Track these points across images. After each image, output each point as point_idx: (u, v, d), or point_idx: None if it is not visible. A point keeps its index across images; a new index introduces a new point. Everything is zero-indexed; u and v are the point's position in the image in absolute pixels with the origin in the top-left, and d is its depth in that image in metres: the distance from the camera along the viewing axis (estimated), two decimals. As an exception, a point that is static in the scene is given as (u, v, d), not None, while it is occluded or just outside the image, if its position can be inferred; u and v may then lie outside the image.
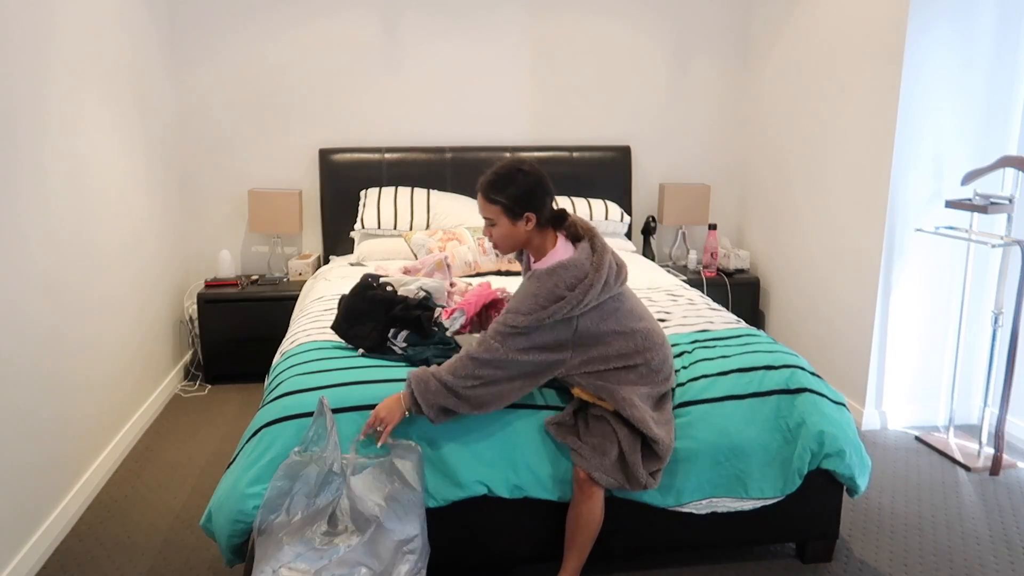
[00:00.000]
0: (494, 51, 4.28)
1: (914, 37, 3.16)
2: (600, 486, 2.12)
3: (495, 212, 2.08)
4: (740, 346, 2.50)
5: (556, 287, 2.00)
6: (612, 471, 2.10)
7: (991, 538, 2.63)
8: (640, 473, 2.09)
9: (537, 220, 2.07)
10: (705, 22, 4.44)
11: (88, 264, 2.88)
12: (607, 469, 2.10)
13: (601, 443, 2.11)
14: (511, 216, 2.06)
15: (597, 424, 2.14)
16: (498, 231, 2.10)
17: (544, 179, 2.09)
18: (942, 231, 3.25)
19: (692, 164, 4.60)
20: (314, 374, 2.27)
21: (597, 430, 2.13)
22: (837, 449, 2.24)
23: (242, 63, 4.10)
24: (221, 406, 3.70)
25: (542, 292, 2.00)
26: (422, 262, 3.11)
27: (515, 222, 2.07)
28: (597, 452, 2.10)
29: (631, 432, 2.11)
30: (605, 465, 2.09)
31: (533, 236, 2.10)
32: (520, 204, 2.05)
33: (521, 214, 2.06)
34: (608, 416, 2.13)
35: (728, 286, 4.26)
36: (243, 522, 2.02)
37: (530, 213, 2.06)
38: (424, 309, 2.47)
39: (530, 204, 2.05)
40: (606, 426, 2.13)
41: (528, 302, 2.01)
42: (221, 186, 4.23)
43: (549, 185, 2.10)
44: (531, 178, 2.06)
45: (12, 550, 2.28)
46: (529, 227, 2.07)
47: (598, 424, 2.13)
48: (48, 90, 2.58)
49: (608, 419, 2.13)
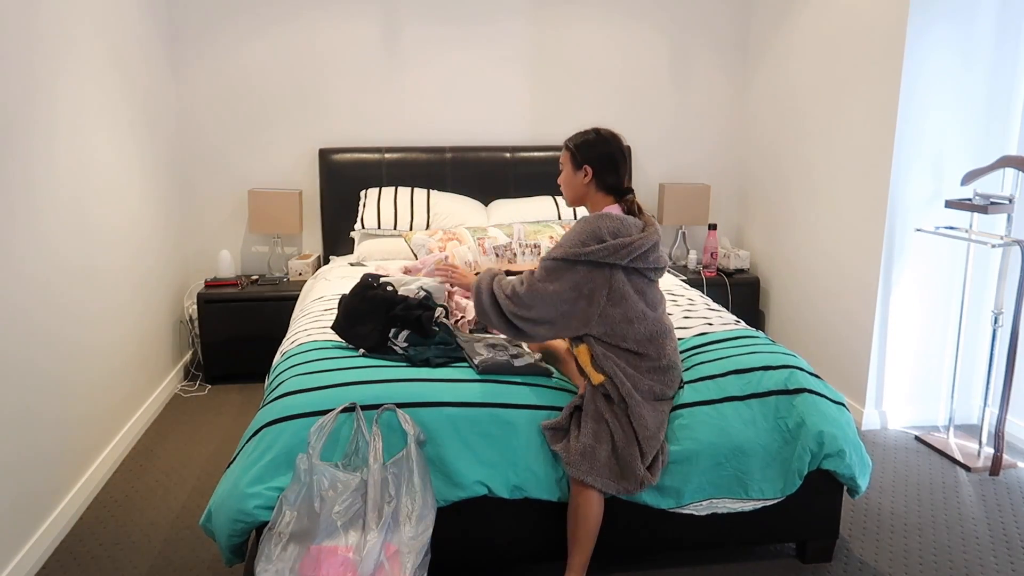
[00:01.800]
0: (494, 51, 4.28)
1: (914, 37, 3.16)
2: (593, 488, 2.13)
3: (565, 157, 2.28)
4: (739, 347, 2.50)
5: (599, 229, 2.11)
6: (604, 472, 2.10)
7: (991, 538, 2.63)
8: (637, 467, 2.09)
9: (594, 175, 2.22)
10: (705, 22, 4.44)
11: (88, 264, 2.88)
12: (599, 471, 2.10)
13: (591, 445, 2.10)
14: (573, 163, 2.25)
15: (589, 424, 2.13)
16: (562, 177, 2.30)
17: (614, 146, 2.25)
18: (942, 231, 3.25)
19: (692, 164, 4.60)
20: (314, 374, 2.27)
21: (588, 430, 2.12)
22: (837, 449, 2.24)
23: (242, 63, 4.10)
24: (221, 406, 3.70)
25: (585, 230, 2.13)
26: (422, 262, 3.12)
27: (575, 170, 2.24)
28: (586, 458, 2.10)
29: (626, 427, 2.12)
30: (596, 468, 2.10)
31: (589, 192, 2.25)
32: (583, 154, 2.23)
33: (581, 164, 2.23)
34: (603, 409, 2.14)
35: (728, 286, 4.26)
36: (243, 522, 2.03)
37: (588, 166, 2.22)
38: (425, 309, 2.47)
39: (591, 158, 2.22)
40: (599, 425, 2.13)
41: (570, 238, 2.14)
42: (221, 186, 4.23)
43: (618, 155, 2.25)
44: (601, 138, 2.25)
45: (13, 549, 2.28)
46: (586, 180, 2.23)
47: (590, 424, 2.13)
48: (47, 90, 2.58)
49: (603, 414, 2.14)
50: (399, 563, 1.96)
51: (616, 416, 2.14)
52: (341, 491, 1.97)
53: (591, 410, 2.16)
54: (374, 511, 1.97)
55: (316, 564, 1.92)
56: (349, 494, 1.97)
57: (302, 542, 1.95)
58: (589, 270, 2.12)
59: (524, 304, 2.15)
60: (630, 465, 2.10)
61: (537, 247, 3.66)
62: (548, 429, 2.18)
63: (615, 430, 2.12)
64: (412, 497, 2.02)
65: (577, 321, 2.16)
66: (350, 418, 2.09)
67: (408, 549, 1.97)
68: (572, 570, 2.18)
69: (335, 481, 1.98)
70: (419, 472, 2.04)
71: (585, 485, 2.12)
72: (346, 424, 2.09)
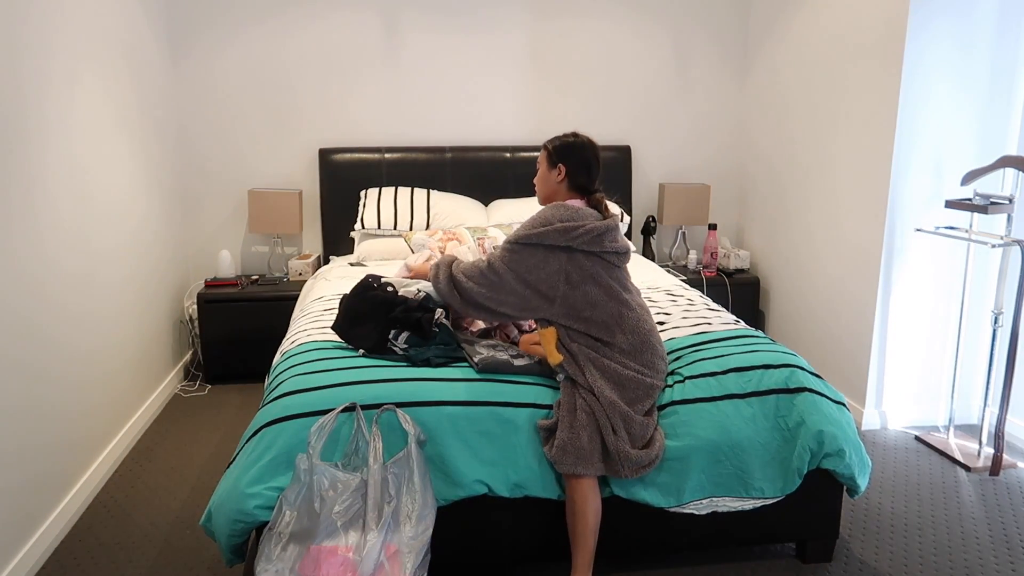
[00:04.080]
0: (494, 51, 4.28)
1: (914, 37, 3.16)
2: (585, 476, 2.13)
3: (542, 157, 2.40)
4: (739, 346, 2.50)
5: (552, 216, 2.23)
6: (588, 457, 2.12)
7: (991, 538, 2.63)
8: (620, 447, 2.11)
9: (567, 174, 2.32)
10: (705, 21, 4.44)
11: (88, 264, 2.88)
12: (583, 459, 2.11)
13: (569, 438, 2.12)
14: (549, 162, 2.36)
15: (565, 416, 2.16)
16: (538, 175, 2.42)
17: (589, 151, 2.35)
18: (942, 231, 3.25)
19: (692, 164, 4.60)
20: (314, 374, 2.27)
21: (565, 423, 2.14)
22: (837, 449, 2.24)
23: (242, 63, 4.11)
24: (221, 406, 3.70)
25: (539, 217, 2.24)
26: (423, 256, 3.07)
27: (550, 168, 2.35)
28: (568, 451, 2.11)
29: (596, 408, 2.15)
30: (581, 457, 2.11)
31: (560, 190, 2.35)
32: (558, 154, 2.34)
33: (556, 163, 2.34)
34: (574, 396, 2.17)
35: (728, 286, 4.26)
36: (243, 522, 2.03)
37: (563, 165, 2.32)
38: (424, 311, 2.47)
39: (566, 158, 2.33)
40: (573, 415, 2.15)
41: (526, 224, 2.26)
42: (221, 186, 4.23)
43: (592, 159, 2.35)
44: (578, 142, 2.36)
45: (12, 550, 2.28)
46: (559, 178, 2.33)
47: (565, 416, 2.16)
48: (47, 90, 2.59)
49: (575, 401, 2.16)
50: (399, 563, 1.96)
51: (586, 400, 2.17)
52: (341, 491, 1.97)
53: (565, 402, 2.19)
54: (374, 511, 1.97)
55: (316, 564, 1.92)
56: (349, 494, 1.97)
57: (302, 542, 1.95)
58: (546, 253, 2.20)
59: (484, 282, 2.25)
60: (613, 446, 2.12)
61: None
62: (543, 429, 2.19)
63: (587, 414, 2.15)
64: (412, 497, 2.02)
65: (537, 300, 2.23)
66: (350, 418, 2.09)
67: (408, 549, 1.98)
68: (577, 570, 2.18)
69: (335, 481, 1.98)
70: (419, 472, 2.04)
71: (575, 477, 2.13)
72: (346, 424, 2.09)
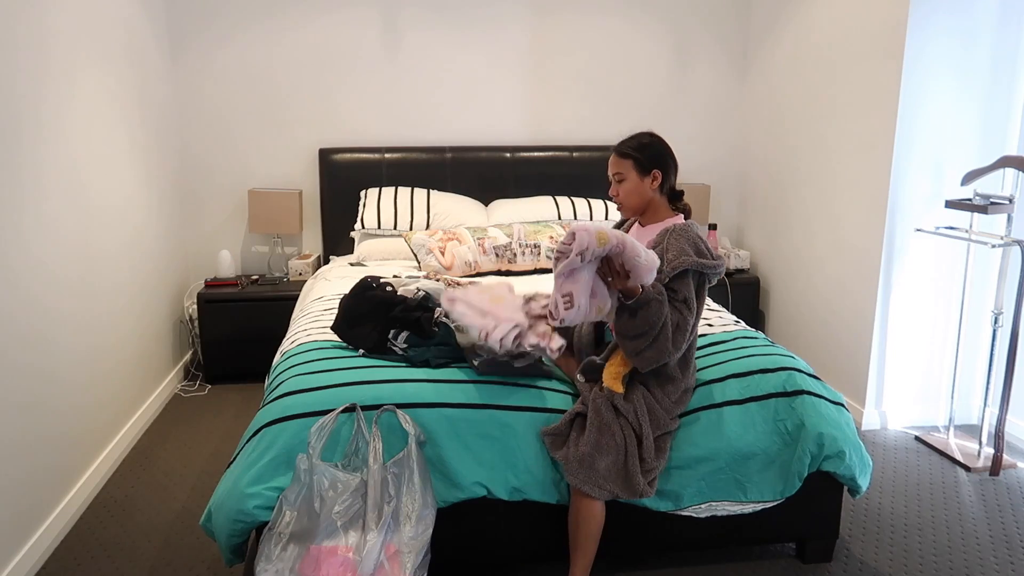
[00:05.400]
0: (494, 51, 4.28)
1: (914, 37, 3.16)
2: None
3: (627, 167, 2.22)
4: (737, 349, 2.49)
5: (697, 241, 2.12)
6: (603, 482, 2.08)
7: (991, 538, 2.63)
8: (638, 480, 2.08)
9: (662, 181, 2.21)
10: (705, 21, 4.43)
11: (88, 264, 2.88)
12: (595, 480, 2.08)
13: (590, 455, 2.07)
14: (640, 171, 2.21)
15: (593, 434, 2.09)
16: (626, 186, 2.23)
17: (668, 148, 2.25)
18: (942, 231, 3.25)
19: (692, 164, 4.60)
20: (314, 374, 2.27)
21: (591, 439, 2.08)
22: (837, 450, 2.24)
23: (242, 63, 4.10)
24: (221, 406, 3.70)
25: (689, 244, 2.10)
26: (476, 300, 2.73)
27: (643, 177, 2.21)
28: (584, 466, 2.08)
29: (631, 443, 2.10)
30: (594, 477, 2.08)
31: (655, 198, 2.25)
32: (650, 160, 2.21)
33: (650, 170, 2.21)
34: (611, 421, 2.10)
35: (728, 286, 4.26)
36: (243, 522, 2.03)
37: (657, 171, 2.21)
38: (424, 310, 2.47)
39: (659, 163, 2.22)
40: (603, 436, 2.09)
41: (680, 248, 2.10)
42: (221, 186, 4.23)
43: (674, 157, 2.26)
44: (658, 142, 2.25)
45: (12, 550, 2.28)
46: (654, 185, 2.22)
47: (593, 434, 2.09)
48: (47, 90, 2.58)
49: (610, 426, 2.10)
50: (399, 563, 1.96)
51: (623, 429, 2.11)
52: (341, 491, 1.97)
53: (596, 420, 2.10)
54: (374, 511, 1.97)
55: (316, 564, 1.92)
56: (349, 494, 1.97)
57: (302, 542, 1.95)
58: (688, 282, 2.09)
59: (683, 338, 2.08)
60: (631, 478, 2.09)
61: (537, 247, 3.66)
62: (548, 435, 2.16)
63: (619, 443, 2.10)
64: (412, 497, 2.02)
65: (683, 331, 2.08)
66: (350, 418, 2.09)
67: (408, 549, 1.98)
68: (575, 573, 2.17)
69: (335, 481, 1.98)
70: (419, 472, 2.04)
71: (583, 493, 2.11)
72: (346, 424, 2.09)
